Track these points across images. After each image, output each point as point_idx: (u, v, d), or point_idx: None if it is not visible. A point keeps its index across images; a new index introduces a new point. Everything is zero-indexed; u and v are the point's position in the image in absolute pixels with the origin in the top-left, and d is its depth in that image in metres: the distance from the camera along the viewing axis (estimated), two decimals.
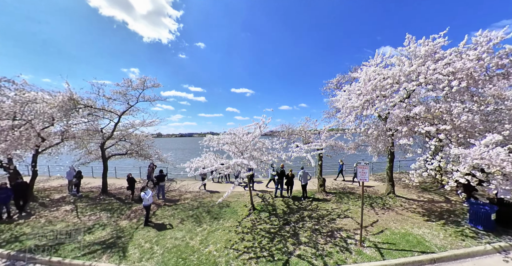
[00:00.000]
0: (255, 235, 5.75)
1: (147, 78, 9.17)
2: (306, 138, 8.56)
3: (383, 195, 8.30)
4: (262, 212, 7.23)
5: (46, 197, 9.28)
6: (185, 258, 4.79)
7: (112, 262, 4.77)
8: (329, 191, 9.02)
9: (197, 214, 7.14)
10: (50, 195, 9.42)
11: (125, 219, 6.97)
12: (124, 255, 4.96)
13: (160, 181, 8.71)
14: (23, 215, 7.24)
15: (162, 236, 5.75)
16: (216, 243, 5.36)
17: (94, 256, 4.96)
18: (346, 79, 9.17)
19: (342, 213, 6.96)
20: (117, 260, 4.80)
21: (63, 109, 7.15)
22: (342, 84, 9.64)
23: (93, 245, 5.40)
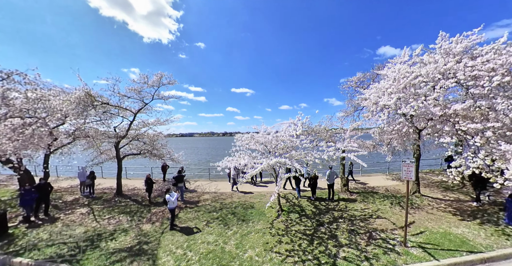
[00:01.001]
0: (292, 237, 5.42)
1: (163, 74, 8.73)
2: (329, 137, 8.34)
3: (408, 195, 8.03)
4: (290, 213, 6.92)
5: (59, 198, 8.66)
6: (225, 264, 4.41)
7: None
8: (352, 191, 8.77)
9: (223, 216, 6.75)
10: (62, 197, 8.79)
11: (146, 222, 6.51)
12: (156, 263, 4.53)
13: (178, 182, 8.27)
14: (45, 219, 6.71)
15: (193, 241, 5.34)
16: (254, 247, 5.01)
17: (123, 264, 4.50)
18: (367, 77, 9.04)
19: (373, 213, 6.70)
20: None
21: (80, 106, 6.63)
22: (362, 83, 9.50)
23: (119, 252, 4.92)
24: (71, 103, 6.45)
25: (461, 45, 5.65)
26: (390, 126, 6.59)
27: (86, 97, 6.71)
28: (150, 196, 8.18)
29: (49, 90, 6.86)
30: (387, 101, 6.47)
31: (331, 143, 6.52)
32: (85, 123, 7.84)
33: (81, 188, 9.17)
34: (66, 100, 6.41)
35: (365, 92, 7.53)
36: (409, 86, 6.36)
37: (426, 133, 6.09)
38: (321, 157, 5.41)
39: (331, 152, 5.55)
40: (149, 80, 8.55)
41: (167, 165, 11.52)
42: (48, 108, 6.51)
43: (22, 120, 6.65)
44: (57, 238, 5.57)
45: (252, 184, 10.51)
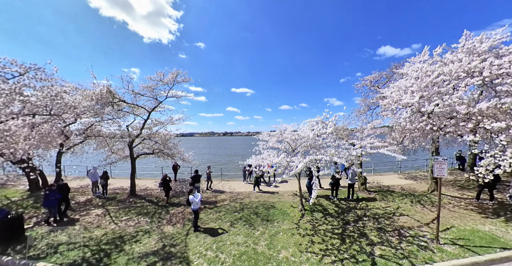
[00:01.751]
0: (322, 236, 5.30)
1: (179, 72, 8.50)
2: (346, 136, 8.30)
3: (425, 193, 8.05)
4: (314, 212, 6.83)
5: (71, 199, 8.25)
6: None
7: None
8: (369, 189, 8.67)
9: (245, 216, 6.55)
10: (74, 198, 8.40)
11: (167, 224, 6.26)
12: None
13: (196, 182, 8.07)
14: (65, 221, 6.41)
15: (221, 242, 5.13)
16: (286, 248, 4.85)
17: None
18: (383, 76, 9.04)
19: (395, 211, 6.64)
20: None
21: (100, 103, 6.34)
22: (377, 82, 9.50)
23: (147, 256, 4.68)
24: (91, 99, 6.15)
25: (486, 44, 5.68)
26: (413, 124, 6.58)
27: (107, 93, 6.43)
28: (168, 196, 7.95)
29: (62, 87, 6.56)
30: (410, 100, 6.47)
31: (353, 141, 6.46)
32: (102, 121, 7.55)
33: (93, 189, 8.82)
34: (86, 96, 6.11)
35: (383, 91, 7.53)
36: (431, 85, 6.38)
37: (447, 131, 6.10)
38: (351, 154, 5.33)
39: (358, 149, 5.48)
40: (164, 78, 8.33)
41: (178, 164, 11.26)
42: (64, 106, 6.21)
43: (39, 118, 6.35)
44: (77, 241, 5.28)
45: (266, 184, 10.39)
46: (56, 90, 6.30)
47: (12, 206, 7.70)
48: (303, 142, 6.08)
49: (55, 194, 5.97)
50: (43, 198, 5.81)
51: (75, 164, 11.43)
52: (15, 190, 9.26)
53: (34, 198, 8.41)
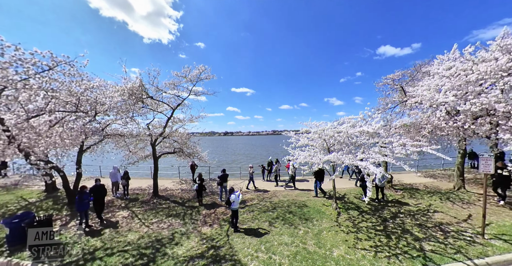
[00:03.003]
0: (366, 233, 5.22)
1: (204, 68, 8.21)
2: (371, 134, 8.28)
3: (452, 191, 8.08)
4: (348, 210, 6.78)
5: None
6: (321, 265, 4.09)
7: None
8: (395, 188, 8.64)
9: (281, 216, 6.36)
10: None
11: (202, 225, 5.99)
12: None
13: (224, 181, 7.85)
14: (104, 223, 6.05)
15: (268, 243, 4.90)
16: (336, 246, 4.72)
17: None
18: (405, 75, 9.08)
19: (428, 208, 6.63)
20: None
21: (133, 97, 5.97)
22: (398, 81, 9.54)
23: (193, 259, 4.39)
24: (122, 94, 5.79)
25: None
26: (448, 123, 6.62)
27: (140, 88, 6.07)
28: (202, 196, 7.65)
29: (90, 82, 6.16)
30: (444, 99, 6.50)
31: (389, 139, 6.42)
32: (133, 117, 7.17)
33: (113, 189, 8.43)
34: (120, 90, 5.73)
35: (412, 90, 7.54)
36: (464, 84, 6.42)
37: (484, 130, 6.17)
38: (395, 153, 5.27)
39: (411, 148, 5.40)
40: (189, 74, 8.02)
41: (195, 164, 10.97)
42: (93, 102, 5.84)
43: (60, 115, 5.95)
44: (113, 246, 4.92)
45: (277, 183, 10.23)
46: (85, 86, 5.93)
47: (32, 207, 7.20)
48: (341, 139, 5.99)
49: (87, 196, 5.60)
50: (76, 201, 5.44)
51: (87, 164, 10.90)
52: (30, 191, 8.69)
53: (52, 199, 7.92)
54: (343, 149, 6.42)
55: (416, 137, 7.43)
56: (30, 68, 4.63)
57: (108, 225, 5.98)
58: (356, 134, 5.67)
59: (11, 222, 4.90)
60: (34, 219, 5.24)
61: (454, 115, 6.53)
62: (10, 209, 7.09)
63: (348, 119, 5.94)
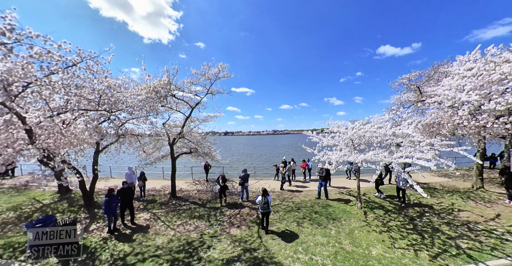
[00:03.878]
0: (398, 232, 5.22)
1: (224, 66, 8.11)
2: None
3: (471, 190, 8.13)
4: (374, 209, 6.81)
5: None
6: (365, 264, 4.04)
7: None
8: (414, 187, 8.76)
9: (308, 216, 6.30)
10: None
11: (230, 226, 5.80)
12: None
13: (245, 181, 7.77)
14: (134, 227, 5.85)
15: (304, 244, 4.82)
16: (373, 245, 4.69)
17: None
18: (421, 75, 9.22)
19: (451, 207, 6.67)
20: None
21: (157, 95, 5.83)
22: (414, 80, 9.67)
23: (232, 262, 4.25)
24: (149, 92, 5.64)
25: None
26: (471, 122, 6.74)
27: (167, 85, 5.93)
28: (226, 196, 7.52)
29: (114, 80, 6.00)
30: (467, 98, 6.61)
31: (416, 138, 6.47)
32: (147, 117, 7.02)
33: None
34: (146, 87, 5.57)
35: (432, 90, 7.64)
36: (487, 83, 6.55)
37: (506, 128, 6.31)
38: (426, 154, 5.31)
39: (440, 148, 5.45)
40: (208, 72, 7.91)
41: (209, 164, 10.84)
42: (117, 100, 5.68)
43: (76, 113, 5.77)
44: (143, 250, 4.71)
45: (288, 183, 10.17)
46: (107, 83, 5.77)
47: (47, 210, 6.92)
48: (368, 139, 6.01)
49: (115, 199, 5.41)
50: (104, 204, 5.27)
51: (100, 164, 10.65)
52: (41, 192, 8.36)
53: (67, 201, 7.64)
54: (366, 148, 6.47)
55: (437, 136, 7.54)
56: (56, 63, 4.46)
57: (133, 228, 5.82)
58: (388, 133, 5.69)
59: (35, 226, 4.69)
60: (56, 222, 5.06)
61: (477, 115, 6.64)
62: (25, 211, 6.83)
63: (378, 119, 5.96)
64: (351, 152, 5.76)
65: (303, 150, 7.87)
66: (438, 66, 8.56)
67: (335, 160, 5.56)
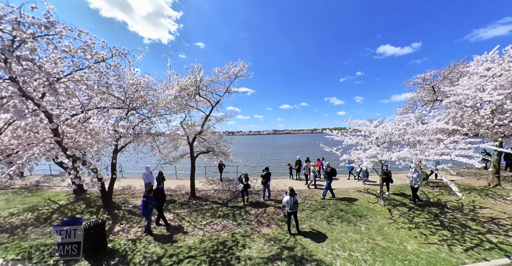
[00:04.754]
0: (427, 228, 5.38)
1: (243, 66, 8.14)
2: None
3: (487, 188, 8.29)
4: (396, 206, 6.99)
5: (126, 203, 7.52)
6: (404, 259, 4.16)
7: None
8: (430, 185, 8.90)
9: (335, 214, 6.37)
10: (128, 201, 7.61)
11: (258, 225, 5.76)
12: None
13: (267, 180, 7.82)
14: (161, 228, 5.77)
15: (339, 241, 4.89)
16: (406, 241, 4.82)
17: None
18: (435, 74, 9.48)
19: (472, 204, 6.84)
20: None
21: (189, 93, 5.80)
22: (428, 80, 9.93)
23: (272, 261, 4.24)
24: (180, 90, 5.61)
25: None
26: (493, 120, 6.98)
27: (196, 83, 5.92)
28: (249, 195, 7.50)
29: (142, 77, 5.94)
30: (489, 97, 6.85)
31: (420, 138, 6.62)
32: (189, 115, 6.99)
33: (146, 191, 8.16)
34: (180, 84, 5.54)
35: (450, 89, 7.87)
36: (509, 83, 6.80)
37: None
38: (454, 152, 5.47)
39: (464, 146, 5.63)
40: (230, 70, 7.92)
41: (223, 164, 10.85)
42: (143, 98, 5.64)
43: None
44: (176, 252, 4.63)
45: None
46: (133, 81, 5.72)
47: (65, 210, 6.73)
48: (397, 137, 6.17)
49: (152, 200, 5.26)
50: (142, 205, 5.14)
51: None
52: (55, 192, 8.12)
53: (83, 202, 7.49)
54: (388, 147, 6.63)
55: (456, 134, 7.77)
56: (90, 58, 4.38)
57: (160, 229, 5.79)
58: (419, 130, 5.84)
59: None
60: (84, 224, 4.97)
61: (498, 114, 6.88)
62: (43, 212, 6.66)
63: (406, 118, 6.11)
64: (382, 150, 5.90)
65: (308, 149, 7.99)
66: (454, 66, 8.82)
67: (365, 158, 5.68)
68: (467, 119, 7.30)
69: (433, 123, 5.57)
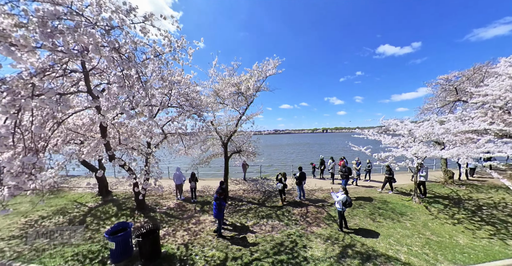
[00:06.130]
0: (470, 224, 5.77)
1: (277, 63, 8.26)
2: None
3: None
4: (431, 203, 7.55)
5: (158, 205, 7.45)
6: (461, 251, 4.59)
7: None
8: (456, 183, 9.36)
9: (375, 211, 6.73)
10: (159, 203, 7.59)
11: (308, 225, 5.95)
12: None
13: (302, 180, 8.08)
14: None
15: (392, 236, 5.20)
16: (455, 235, 5.24)
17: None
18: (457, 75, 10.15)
19: (504, 201, 7.31)
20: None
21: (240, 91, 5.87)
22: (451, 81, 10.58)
23: (341, 259, 4.43)
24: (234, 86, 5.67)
25: None
26: None
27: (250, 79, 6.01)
28: (285, 195, 7.66)
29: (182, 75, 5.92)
30: None
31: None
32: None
33: (177, 192, 8.17)
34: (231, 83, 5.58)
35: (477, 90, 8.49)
36: None
37: None
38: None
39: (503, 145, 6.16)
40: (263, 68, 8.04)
41: (247, 163, 11.00)
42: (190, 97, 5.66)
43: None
44: (236, 255, 4.67)
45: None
46: (182, 77, 5.73)
47: (97, 213, 6.55)
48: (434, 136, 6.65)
49: (223, 201, 5.29)
50: (216, 207, 5.09)
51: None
52: (79, 194, 7.85)
53: (114, 204, 7.32)
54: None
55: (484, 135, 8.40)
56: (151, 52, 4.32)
57: (199, 232, 5.82)
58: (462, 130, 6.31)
59: (118, 235, 4.41)
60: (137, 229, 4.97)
61: None
62: (75, 215, 6.46)
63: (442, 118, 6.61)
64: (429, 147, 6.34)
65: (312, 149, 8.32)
66: (480, 68, 9.46)
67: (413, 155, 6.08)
68: (497, 119, 7.93)
69: (475, 123, 6.04)
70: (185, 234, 5.63)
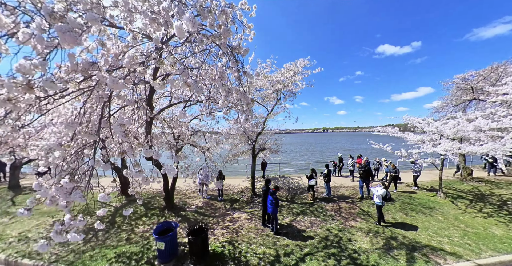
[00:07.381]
0: (500, 217, 6.19)
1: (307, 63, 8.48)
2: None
3: None
4: (456, 198, 8.09)
5: (185, 203, 7.52)
6: (501, 242, 4.95)
7: None
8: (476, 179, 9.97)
9: (407, 207, 7.13)
10: (185, 201, 7.67)
11: (345, 220, 6.24)
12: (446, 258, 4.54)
13: (329, 177, 8.41)
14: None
15: (429, 229, 5.60)
16: (489, 227, 5.63)
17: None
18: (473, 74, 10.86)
19: None
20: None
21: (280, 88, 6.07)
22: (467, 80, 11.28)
23: (388, 250, 4.70)
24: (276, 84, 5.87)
25: None
26: None
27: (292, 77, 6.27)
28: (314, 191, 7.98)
29: None
30: None
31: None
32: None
33: (201, 190, 8.27)
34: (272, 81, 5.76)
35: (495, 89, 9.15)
36: None
37: None
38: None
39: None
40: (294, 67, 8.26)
41: (266, 162, 11.22)
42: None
43: None
44: (288, 251, 4.84)
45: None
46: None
47: (133, 216, 6.71)
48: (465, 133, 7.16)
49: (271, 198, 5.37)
50: (273, 204, 5.21)
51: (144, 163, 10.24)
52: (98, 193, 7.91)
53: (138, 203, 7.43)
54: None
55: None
56: None
57: (241, 231, 5.90)
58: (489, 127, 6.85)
59: (167, 235, 4.48)
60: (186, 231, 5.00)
61: None
62: (104, 216, 6.50)
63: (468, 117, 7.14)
64: (462, 143, 6.82)
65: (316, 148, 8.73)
66: (497, 67, 10.17)
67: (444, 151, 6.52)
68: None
69: (505, 122, 6.58)
70: (225, 232, 5.72)
